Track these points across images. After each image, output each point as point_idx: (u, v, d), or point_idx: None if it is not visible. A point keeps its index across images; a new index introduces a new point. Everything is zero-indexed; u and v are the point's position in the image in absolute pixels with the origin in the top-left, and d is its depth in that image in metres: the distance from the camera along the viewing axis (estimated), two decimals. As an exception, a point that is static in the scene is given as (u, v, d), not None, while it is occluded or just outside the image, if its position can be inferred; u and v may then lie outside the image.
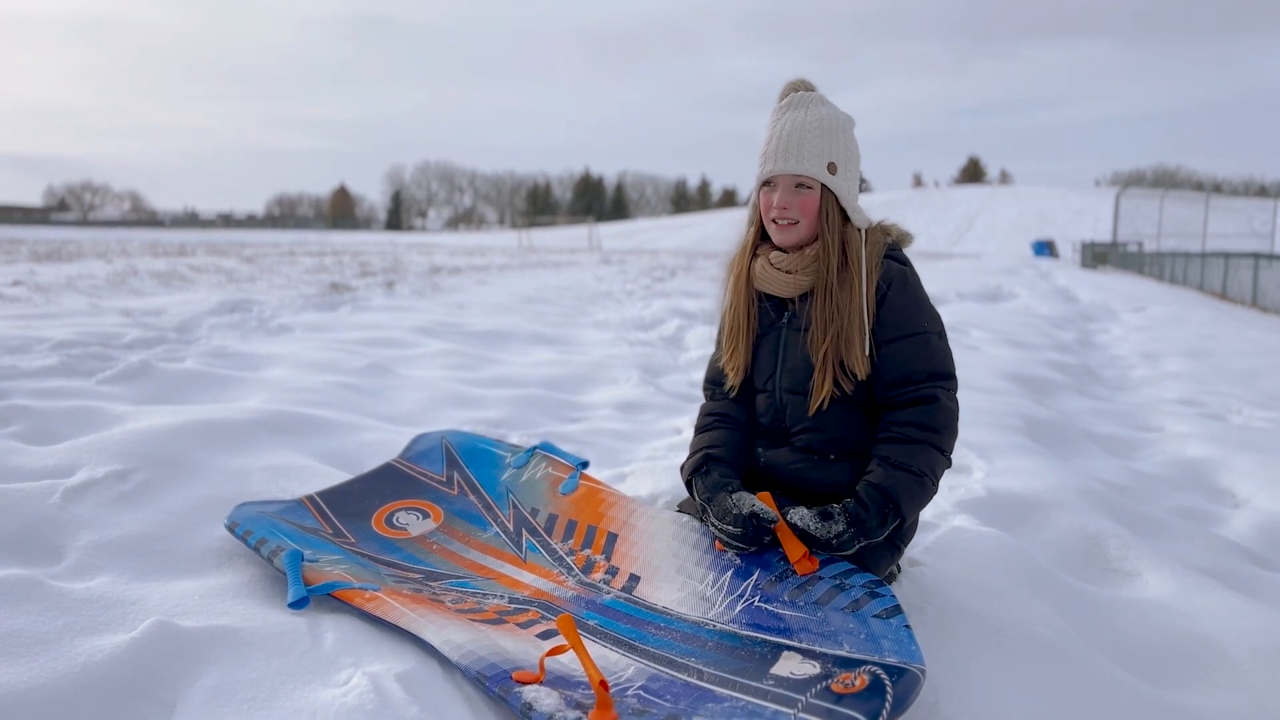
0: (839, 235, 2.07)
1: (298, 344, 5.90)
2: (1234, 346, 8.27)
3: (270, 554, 2.16)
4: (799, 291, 2.12)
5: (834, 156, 2.06)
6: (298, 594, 1.98)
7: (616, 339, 7.30)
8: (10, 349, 4.79)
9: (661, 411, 4.58)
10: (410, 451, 2.78)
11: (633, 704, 1.61)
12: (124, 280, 10.97)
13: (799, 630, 1.78)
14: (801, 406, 2.12)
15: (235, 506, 2.47)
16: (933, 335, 2.08)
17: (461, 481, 2.60)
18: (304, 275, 13.78)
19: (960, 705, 1.72)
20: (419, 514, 2.51)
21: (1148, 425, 4.89)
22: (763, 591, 1.90)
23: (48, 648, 1.72)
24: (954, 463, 3.45)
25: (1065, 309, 12.22)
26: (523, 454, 2.58)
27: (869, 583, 1.82)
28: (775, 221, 2.10)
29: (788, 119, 2.09)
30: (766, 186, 2.11)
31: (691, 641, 1.83)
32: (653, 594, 2.03)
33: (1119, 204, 42.32)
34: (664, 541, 2.12)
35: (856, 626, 1.73)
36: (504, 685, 1.64)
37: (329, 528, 2.42)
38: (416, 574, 2.22)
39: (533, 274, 16.91)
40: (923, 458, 1.98)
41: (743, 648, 1.78)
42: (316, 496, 2.55)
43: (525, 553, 2.30)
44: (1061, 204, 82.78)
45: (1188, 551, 2.75)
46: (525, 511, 2.42)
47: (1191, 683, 1.98)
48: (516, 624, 1.93)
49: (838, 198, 2.07)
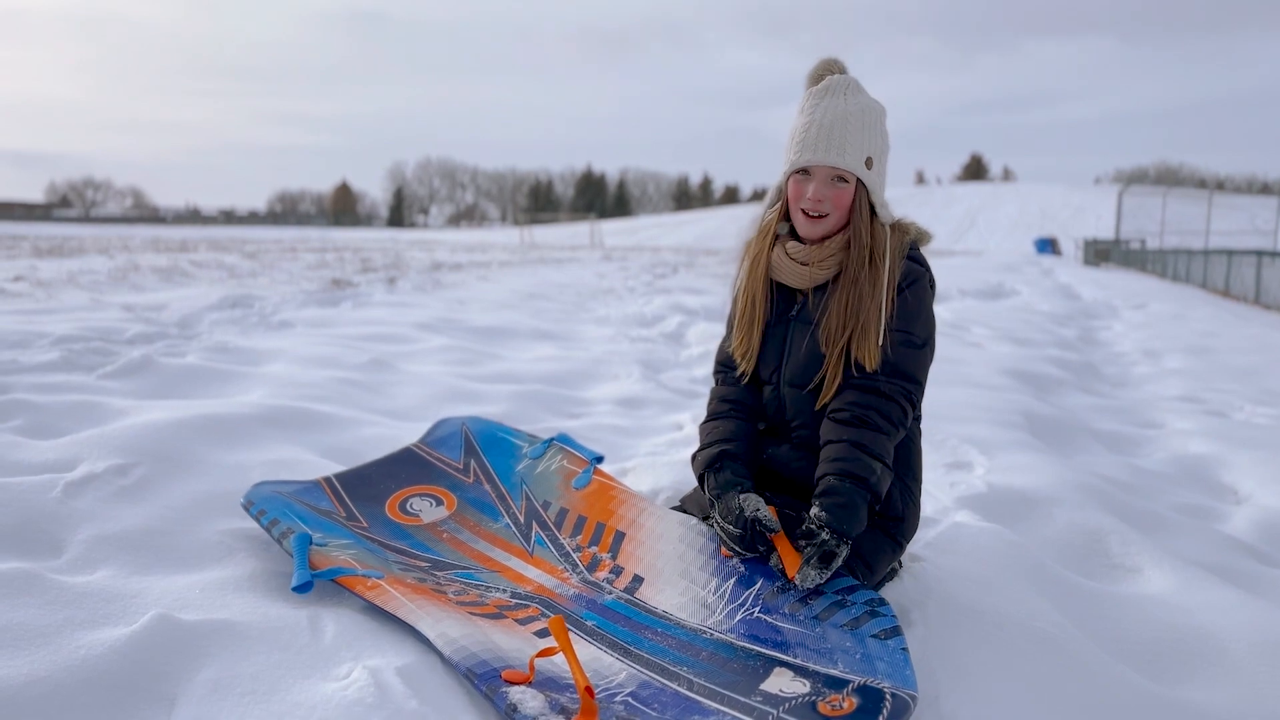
0: (868, 229, 2.04)
1: (299, 339, 5.91)
2: (1236, 343, 8.25)
3: (280, 535, 2.18)
4: (813, 284, 2.10)
5: (872, 151, 2.03)
6: (302, 578, 1.99)
7: (618, 335, 7.29)
8: (12, 344, 4.80)
9: (662, 407, 4.58)
10: (431, 436, 2.79)
11: (619, 711, 1.60)
12: (125, 276, 10.98)
13: (795, 645, 1.76)
14: (801, 401, 2.11)
15: (253, 485, 2.48)
16: (919, 342, 2.05)
17: (478, 469, 2.61)
18: (305, 271, 13.79)
19: (961, 699, 1.72)
20: (433, 500, 2.52)
21: (1149, 422, 4.88)
22: (764, 602, 1.88)
23: (48, 641, 1.72)
24: (956, 458, 3.46)
25: (1067, 306, 12.21)
26: (540, 445, 2.58)
27: (870, 601, 1.79)
28: (806, 213, 2.05)
29: (827, 105, 2.03)
30: (800, 175, 2.06)
31: (687, 650, 1.82)
32: (654, 596, 2.01)
33: (1122, 201, 42.28)
34: (671, 543, 2.11)
35: (853, 645, 1.71)
36: (491, 684, 1.64)
37: (342, 510, 2.43)
38: (423, 562, 2.22)
39: (534, 270, 16.90)
40: (888, 447, 1.97)
41: (736, 660, 1.76)
42: (334, 478, 2.57)
43: (533, 546, 2.30)
44: (1063, 201, 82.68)
45: (1188, 547, 2.75)
46: (537, 504, 2.42)
47: (1191, 678, 1.98)
48: (515, 620, 1.93)
49: (869, 192, 2.05)
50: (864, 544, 2.02)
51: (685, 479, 2.84)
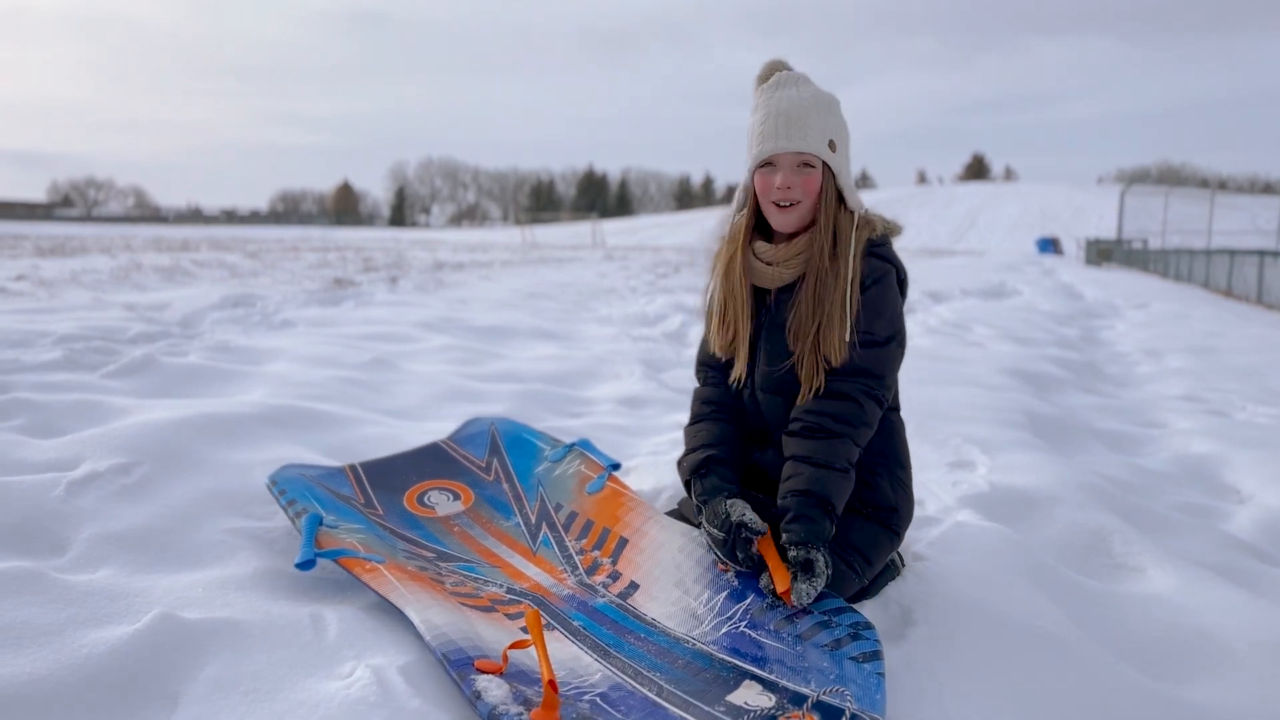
0: (834, 218, 2.02)
1: (300, 339, 5.91)
2: (1238, 343, 8.24)
3: (295, 514, 2.22)
4: (780, 283, 2.08)
5: (833, 134, 2.01)
6: (306, 555, 2.02)
7: (619, 334, 7.29)
8: (14, 343, 4.80)
9: (664, 407, 4.58)
10: (459, 434, 2.85)
11: (583, 710, 1.59)
12: (127, 275, 10.99)
13: (774, 661, 1.76)
14: (775, 405, 2.10)
15: (280, 466, 2.55)
16: (880, 339, 2.01)
17: (499, 468, 2.66)
18: (307, 271, 13.79)
19: (963, 698, 1.72)
20: (450, 494, 2.56)
21: (1151, 421, 4.88)
22: (751, 617, 1.88)
23: (51, 640, 1.72)
24: (958, 458, 3.46)
25: (1069, 305, 12.20)
26: (561, 449, 2.62)
27: (855, 624, 1.79)
28: (777, 204, 2.03)
29: (781, 96, 2.01)
30: (764, 168, 2.03)
31: (664, 656, 1.82)
32: (646, 604, 2.02)
33: (1124, 201, 42.27)
34: (670, 553, 2.11)
35: (829, 666, 1.71)
36: (461, 670, 1.64)
37: (361, 497, 2.48)
38: (429, 552, 2.25)
39: (536, 270, 16.91)
40: (842, 452, 1.95)
41: (710, 670, 1.76)
42: (359, 466, 2.63)
43: (538, 546, 2.32)
44: (1065, 201, 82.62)
45: (1190, 547, 2.74)
46: (550, 506, 2.45)
47: (1194, 677, 1.98)
48: (505, 614, 1.94)
49: (836, 177, 2.03)
50: (859, 537, 2.02)
51: (687, 478, 2.84)
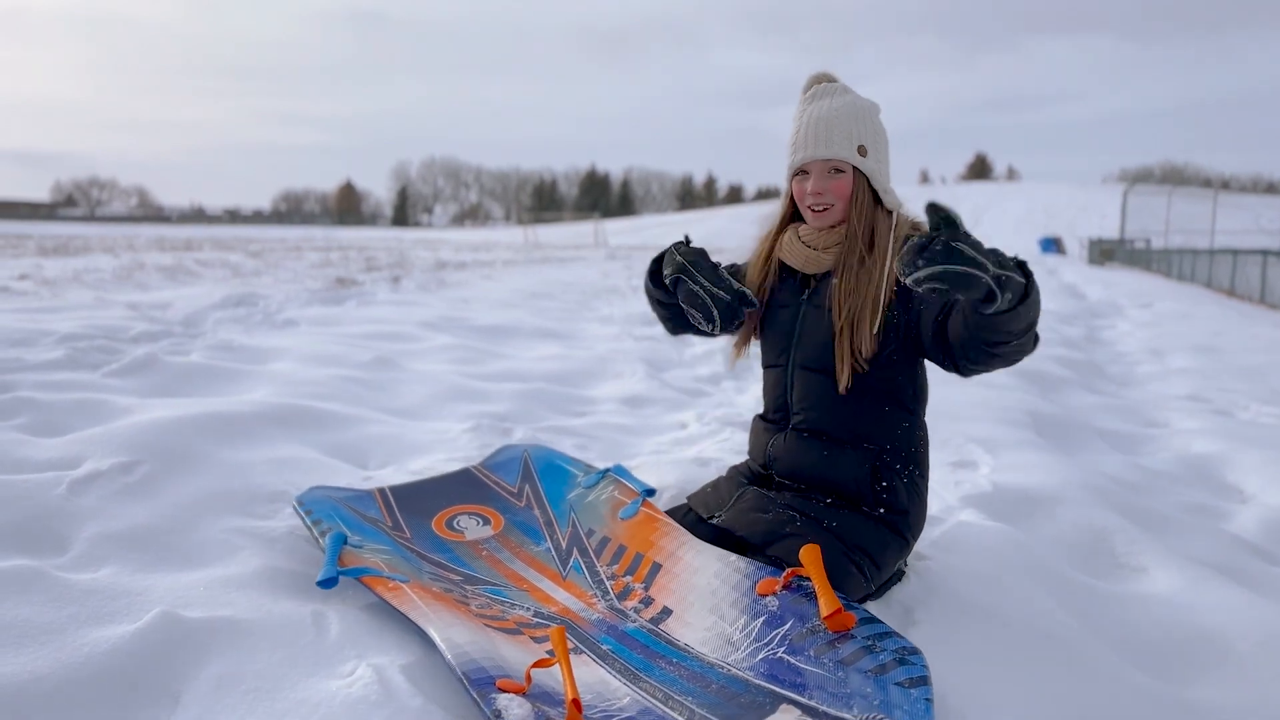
0: (868, 217, 2.09)
1: (303, 338, 5.91)
2: (1241, 343, 8.23)
3: (321, 533, 2.22)
4: (819, 269, 2.15)
5: (863, 139, 2.09)
6: (328, 573, 2.01)
7: (621, 334, 7.30)
8: (16, 342, 4.81)
9: (666, 406, 4.58)
10: (491, 460, 2.84)
11: None
12: (130, 274, 11.00)
13: (814, 687, 1.68)
14: (812, 384, 2.13)
15: (309, 488, 2.55)
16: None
17: (530, 494, 2.64)
18: (310, 270, 13.80)
19: (966, 698, 1.72)
20: (480, 519, 2.54)
21: (1154, 421, 4.87)
22: (790, 643, 1.80)
23: (53, 638, 1.72)
24: (961, 457, 3.46)
25: (1072, 305, 12.18)
26: (595, 475, 2.59)
27: (901, 649, 1.69)
28: (812, 209, 2.13)
29: (813, 108, 2.12)
30: (800, 176, 2.14)
31: (697, 681, 1.77)
32: (679, 629, 1.97)
33: (1127, 200, 42.22)
34: (706, 578, 2.06)
35: (874, 691, 1.61)
36: (482, 689, 1.61)
37: (389, 520, 2.46)
38: (456, 575, 2.23)
39: (538, 270, 16.91)
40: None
41: (745, 694, 1.70)
42: (388, 490, 2.61)
43: (568, 571, 2.29)
44: (1068, 200, 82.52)
45: (1194, 547, 2.74)
46: (582, 531, 2.43)
47: (1197, 677, 1.97)
48: (532, 637, 1.91)
49: (870, 179, 2.10)
50: (869, 539, 2.01)
51: (690, 477, 2.84)
